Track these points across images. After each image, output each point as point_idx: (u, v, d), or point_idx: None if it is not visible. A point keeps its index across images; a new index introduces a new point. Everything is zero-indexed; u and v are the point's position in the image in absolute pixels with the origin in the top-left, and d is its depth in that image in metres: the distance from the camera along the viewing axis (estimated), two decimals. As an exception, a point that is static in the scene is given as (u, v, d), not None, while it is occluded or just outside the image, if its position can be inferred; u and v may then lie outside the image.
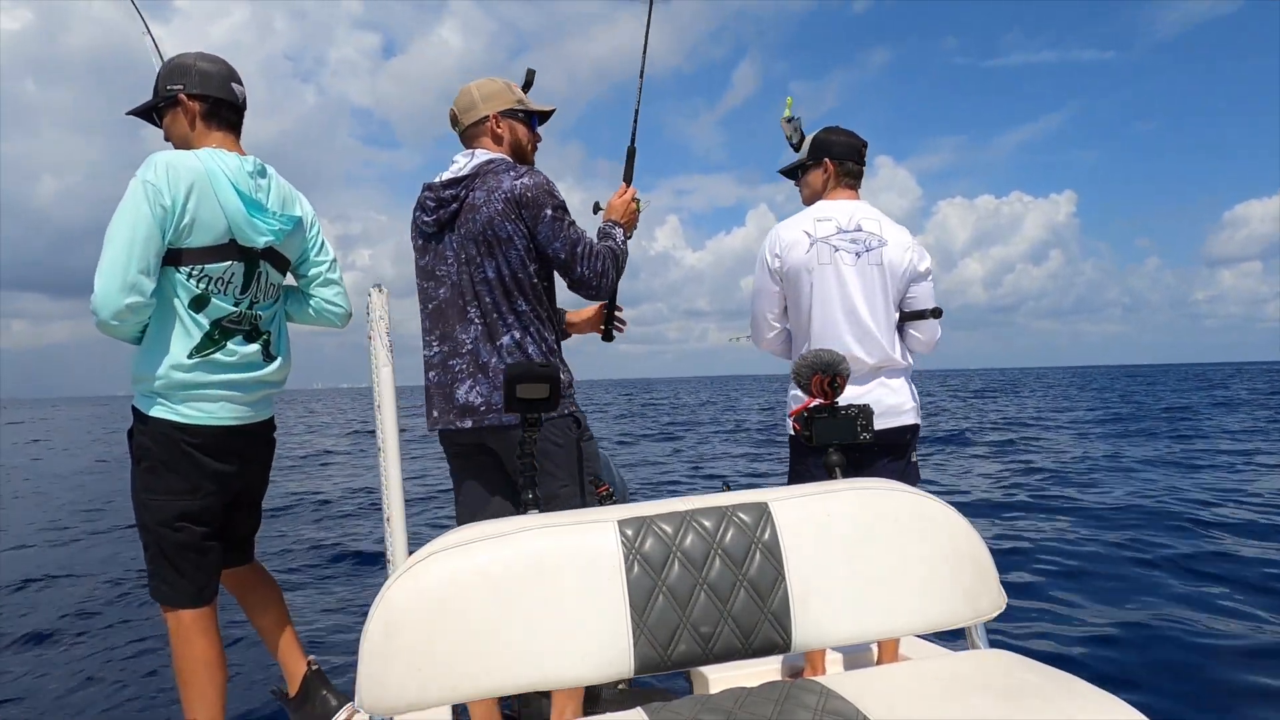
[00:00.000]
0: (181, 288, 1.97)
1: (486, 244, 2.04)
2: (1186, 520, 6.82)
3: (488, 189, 2.05)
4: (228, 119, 2.12)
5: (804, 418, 1.69)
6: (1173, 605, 4.45)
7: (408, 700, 1.05)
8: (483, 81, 2.19)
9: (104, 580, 6.22)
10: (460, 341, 2.09)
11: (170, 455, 2.01)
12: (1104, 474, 10.26)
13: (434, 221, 2.10)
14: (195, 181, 1.92)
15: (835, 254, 2.40)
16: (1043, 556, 5.71)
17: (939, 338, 2.56)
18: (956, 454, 13.03)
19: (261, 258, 2.10)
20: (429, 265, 2.14)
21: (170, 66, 2.08)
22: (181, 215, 1.91)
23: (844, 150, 2.53)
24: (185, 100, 2.05)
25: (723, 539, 1.16)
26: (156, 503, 2.02)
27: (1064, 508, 7.72)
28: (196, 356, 2.00)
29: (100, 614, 5.29)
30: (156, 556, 2.04)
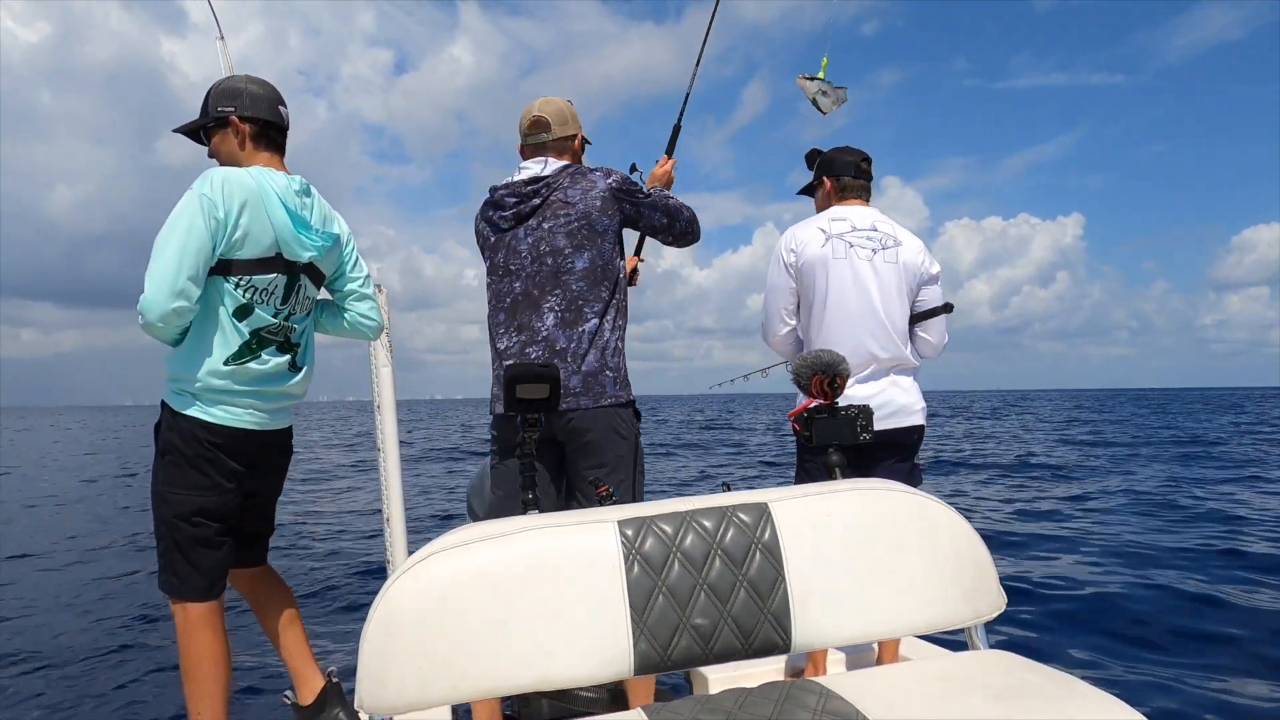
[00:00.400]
0: (228, 296, 2.07)
1: (582, 235, 2.17)
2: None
3: (582, 188, 2.20)
4: (275, 140, 2.23)
5: (804, 418, 1.70)
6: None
7: (408, 700, 1.05)
8: (567, 103, 2.33)
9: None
10: (536, 330, 2.17)
11: (195, 452, 2.08)
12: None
13: (511, 216, 2.20)
14: (249, 198, 2.04)
15: (851, 249, 2.42)
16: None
17: (946, 340, 2.58)
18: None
19: (302, 272, 2.20)
20: (503, 260, 2.22)
21: (222, 89, 2.19)
22: (234, 229, 2.01)
23: (840, 166, 2.58)
24: (236, 122, 2.16)
25: (723, 539, 1.16)
26: (177, 496, 2.09)
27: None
28: (233, 364, 2.09)
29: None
30: (170, 549, 2.09)
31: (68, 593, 6.01)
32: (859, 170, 2.57)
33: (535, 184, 2.19)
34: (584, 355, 2.16)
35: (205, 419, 2.08)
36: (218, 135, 2.19)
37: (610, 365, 2.19)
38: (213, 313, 2.07)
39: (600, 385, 2.16)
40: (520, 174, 2.25)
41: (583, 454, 2.16)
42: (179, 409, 2.09)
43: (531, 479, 2.23)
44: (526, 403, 2.18)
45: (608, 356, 2.20)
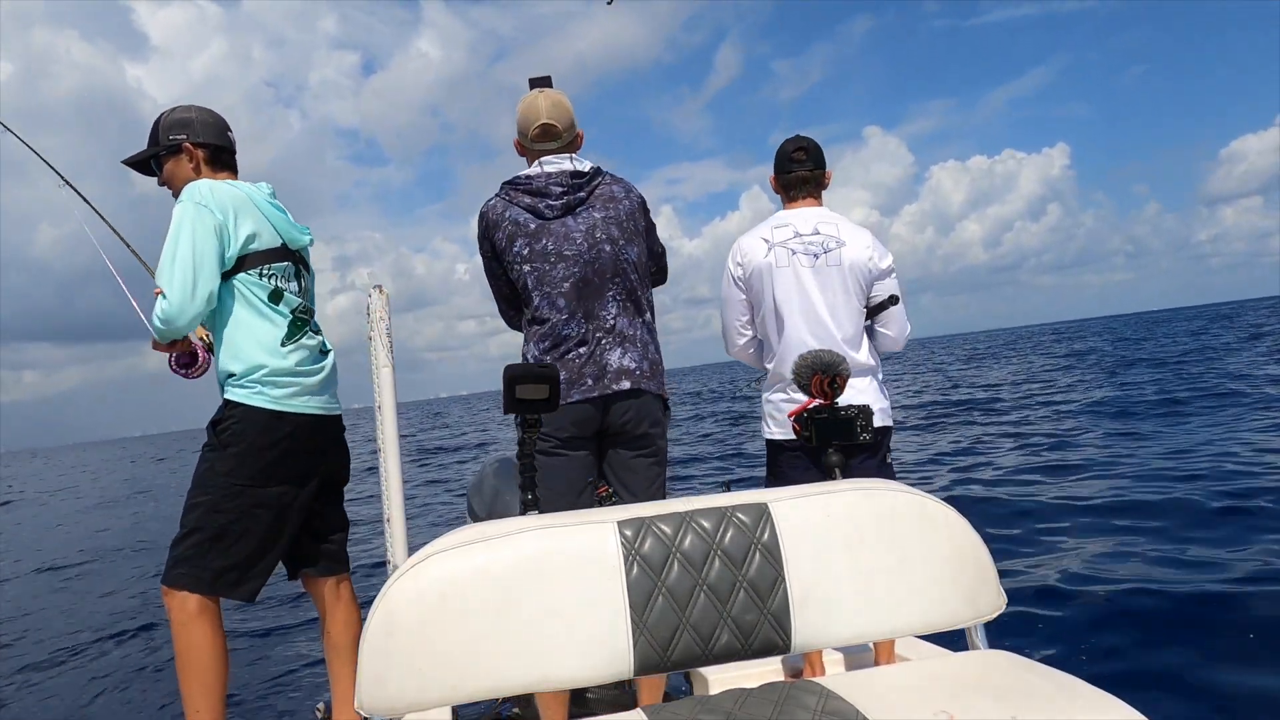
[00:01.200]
0: (256, 287, 2.20)
1: (633, 229, 2.25)
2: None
3: (623, 187, 2.29)
4: (227, 163, 2.36)
5: (804, 418, 1.69)
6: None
7: (408, 700, 1.05)
8: (562, 95, 2.32)
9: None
10: (603, 317, 2.20)
11: (263, 441, 2.15)
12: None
13: (563, 204, 2.20)
14: (237, 201, 2.18)
15: (793, 257, 2.44)
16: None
17: (908, 331, 2.57)
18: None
19: (300, 262, 2.35)
20: (552, 247, 2.18)
21: (172, 119, 2.30)
22: (236, 228, 2.15)
23: (778, 163, 2.57)
24: (190, 148, 2.28)
25: (722, 540, 1.16)
26: (238, 486, 2.13)
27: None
28: (290, 344, 2.22)
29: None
30: (211, 540, 2.10)
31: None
32: (792, 159, 2.53)
33: (580, 176, 2.22)
34: (648, 344, 2.23)
35: (278, 409, 2.16)
36: (171, 163, 2.30)
37: (659, 361, 2.26)
38: (251, 305, 2.19)
39: (659, 375, 2.22)
40: (548, 166, 2.23)
41: (635, 442, 2.20)
42: (249, 403, 2.15)
43: (531, 479, 2.23)
44: (526, 403, 2.18)
45: (659, 352, 2.27)
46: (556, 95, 2.30)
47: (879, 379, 2.53)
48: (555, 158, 2.25)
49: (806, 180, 2.53)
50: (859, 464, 2.44)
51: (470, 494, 3.15)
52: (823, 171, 2.55)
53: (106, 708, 4.07)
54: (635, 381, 2.17)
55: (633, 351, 2.19)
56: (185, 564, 2.10)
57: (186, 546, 2.11)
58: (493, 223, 2.23)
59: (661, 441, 2.26)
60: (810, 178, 2.54)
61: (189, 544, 2.11)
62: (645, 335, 2.24)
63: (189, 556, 2.10)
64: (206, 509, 2.12)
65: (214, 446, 2.17)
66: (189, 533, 2.12)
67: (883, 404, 2.48)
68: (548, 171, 2.22)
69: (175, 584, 2.09)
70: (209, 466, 2.16)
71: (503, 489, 2.84)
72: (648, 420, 2.20)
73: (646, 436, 2.20)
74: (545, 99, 2.27)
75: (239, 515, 2.12)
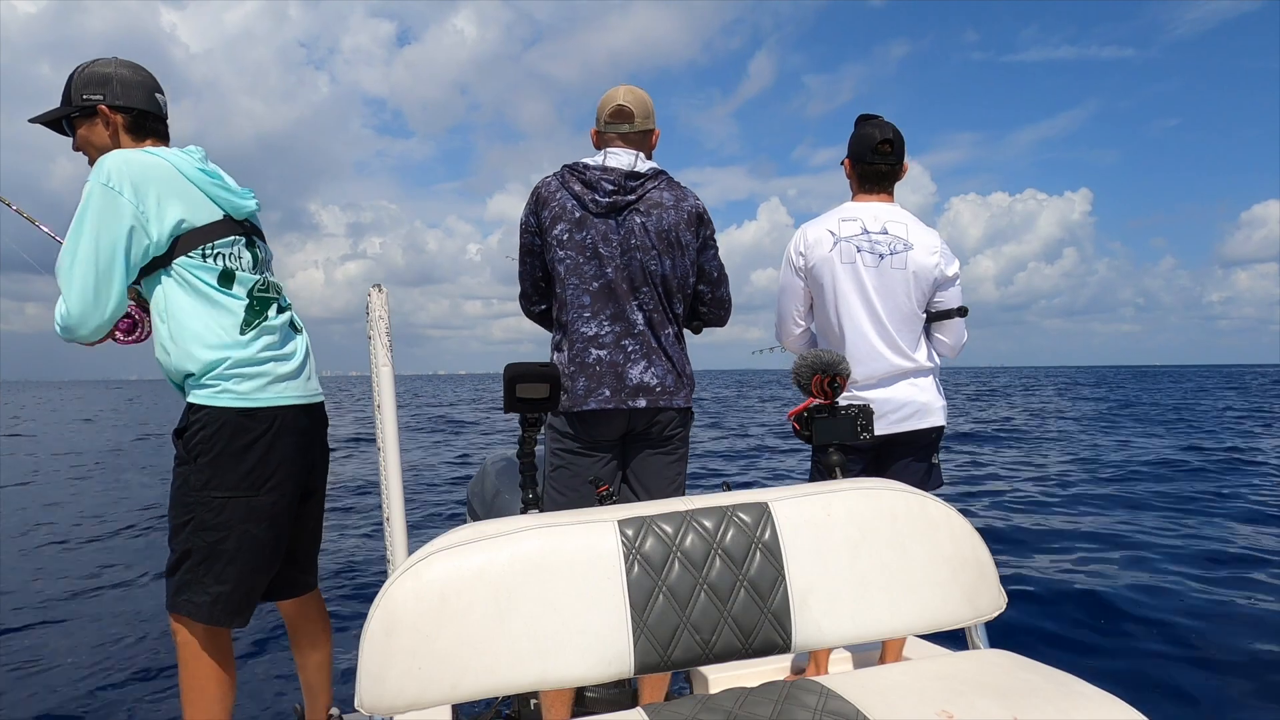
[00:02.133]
0: (201, 270, 1.92)
1: (667, 243, 2.17)
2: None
3: (675, 195, 2.20)
4: (155, 130, 2.04)
5: (804, 418, 1.70)
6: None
7: (408, 700, 1.05)
8: (647, 96, 2.30)
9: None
10: (633, 323, 2.16)
11: (238, 444, 1.92)
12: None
13: (608, 204, 2.16)
14: (155, 174, 1.87)
15: (859, 254, 2.38)
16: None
17: (965, 340, 2.53)
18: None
19: (252, 232, 2.07)
20: (590, 242, 2.17)
21: (86, 74, 1.98)
22: (159, 209, 1.86)
23: (858, 147, 2.43)
24: (107, 111, 1.97)
25: (723, 539, 1.16)
26: (221, 499, 1.91)
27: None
28: (250, 330, 1.96)
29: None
30: (204, 563, 1.91)
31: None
32: (877, 151, 2.39)
33: (634, 178, 2.17)
34: (674, 357, 2.20)
35: (247, 405, 1.93)
36: (84, 126, 1.98)
37: (687, 373, 2.25)
38: (197, 293, 1.92)
39: (683, 388, 2.21)
40: (610, 159, 2.20)
41: (655, 453, 2.20)
42: (213, 404, 1.91)
43: (532, 478, 2.23)
44: (527, 402, 2.17)
45: (686, 363, 2.25)
46: (638, 89, 2.30)
47: (938, 379, 2.51)
48: (622, 151, 2.22)
49: (885, 175, 2.43)
50: (906, 465, 2.43)
51: (470, 494, 3.15)
52: (902, 165, 2.45)
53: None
54: (653, 400, 2.15)
55: (657, 365, 2.17)
56: (186, 590, 1.91)
57: (183, 572, 1.92)
58: (543, 199, 2.20)
59: (683, 445, 2.26)
60: (890, 173, 2.44)
61: (185, 569, 1.92)
62: (673, 349, 2.20)
63: (187, 583, 1.91)
64: (193, 529, 1.91)
65: (183, 459, 1.93)
66: (181, 557, 1.92)
67: (942, 403, 2.46)
68: (606, 165, 2.19)
69: (179, 611, 1.93)
70: (183, 482, 1.93)
71: (503, 489, 2.84)
72: (670, 426, 2.20)
73: (668, 439, 2.21)
74: (626, 88, 2.28)
75: (230, 531, 1.91)
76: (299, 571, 2.18)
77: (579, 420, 2.18)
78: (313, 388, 2.13)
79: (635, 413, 2.16)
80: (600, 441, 2.18)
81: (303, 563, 2.19)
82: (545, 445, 2.30)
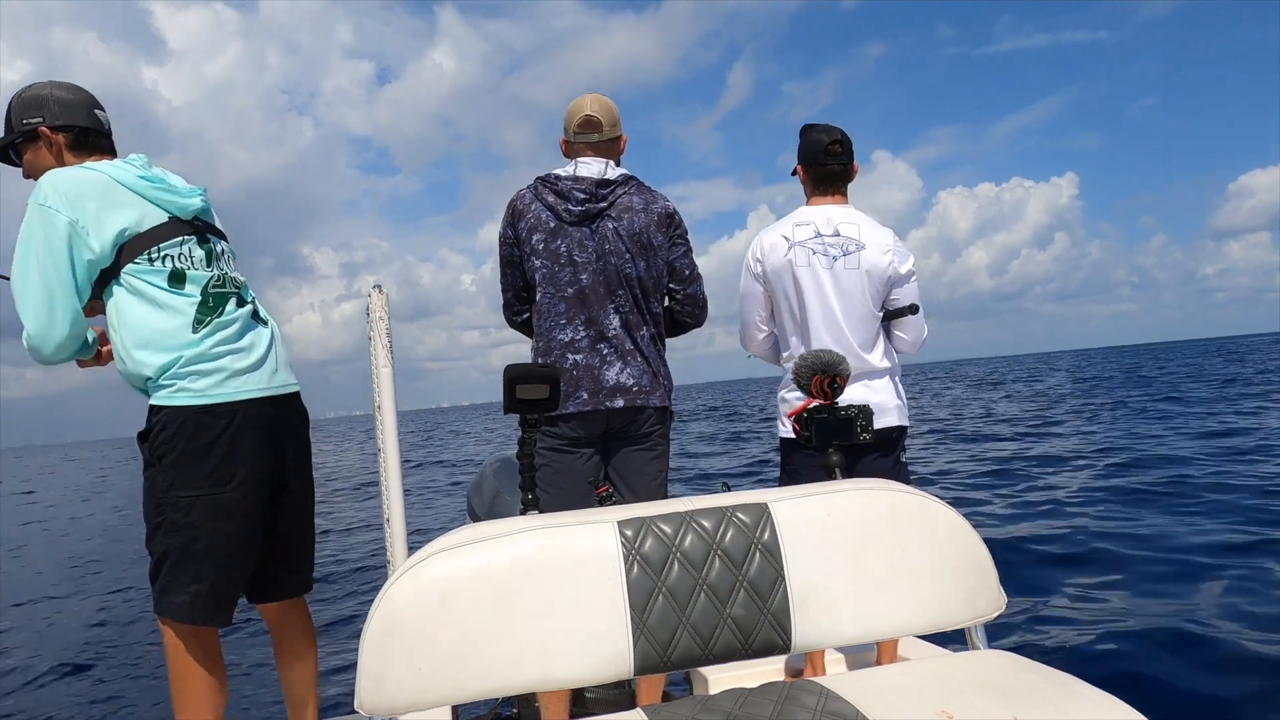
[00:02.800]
0: (149, 274, 1.92)
1: (640, 246, 2.23)
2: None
3: (644, 199, 2.27)
4: (98, 145, 2.04)
5: (804, 418, 1.70)
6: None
7: (408, 700, 1.05)
8: (612, 102, 2.35)
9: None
10: (606, 326, 2.22)
11: (199, 443, 1.90)
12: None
13: (581, 212, 2.22)
14: (91, 188, 1.88)
15: (812, 257, 2.43)
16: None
17: (925, 335, 2.56)
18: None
19: (206, 230, 2.06)
20: (564, 250, 2.22)
21: (24, 99, 1.99)
22: (99, 221, 1.86)
23: (809, 151, 2.50)
24: (48, 133, 1.97)
25: (722, 539, 1.16)
26: (188, 499, 1.90)
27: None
28: (201, 328, 1.95)
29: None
30: (179, 563, 1.91)
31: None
32: (828, 153, 2.46)
33: (605, 186, 2.23)
34: (649, 357, 2.25)
35: (205, 403, 1.91)
36: (29, 151, 2.00)
37: (664, 372, 2.29)
38: (146, 297, 1.92)
39: (659, 387, 2.25)
40: (581, 169, 2.26)
41: (637, 440, 2.24)
42: (165, 403, 1.91)
43: (532, 478, 2.23)
44: (526, 403, 2.17)
45: (662, 364, 2.29)
46: (603, 97, 2.35)
47: (896, 379, 2.53)
48: (591, 160, 2.28)
49: (838, 175, 2.50)
50: (870, 462, 2.43)
51: (470, 494, 3.15)
52: (852, 165, 2.51)
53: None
54: (630, 400, 2.20)
55: (632, 366, 2.22)
56: (167, 594, 1.92)
57: (163, 575, 1.93)
58: (519, 211, 2.27)
59: (663, 441, 2.29)
60: (842, 173, 2.50)
61: (164, 571, 1.92)
62: (649, 350, 2.25)
63: (167, 586, 1.92)
64: (165, 530, 1.91)
65: (149, 462, 1.93)
66: (160, 559, 1.93)
67: (898, 403, 2.48)
68: (577, 175, 2.25)
69: (163, 614, 1.93)
70: (151, 484, 1.93)
71: (503, 489, 2.85)
72: (648, 423, 2.24)
73: (648, 435, 2.25)
74: (592, 97, 2.33)
75: (200, 530, 1.90)
76: (287, 570, 2.16)
77: (560, 421, 2.23)
78: (280, 379, 2.10)
79: (613, 412, 2.21)
80: (580, 439, 2.23)
81: (290, 560, 2.16)
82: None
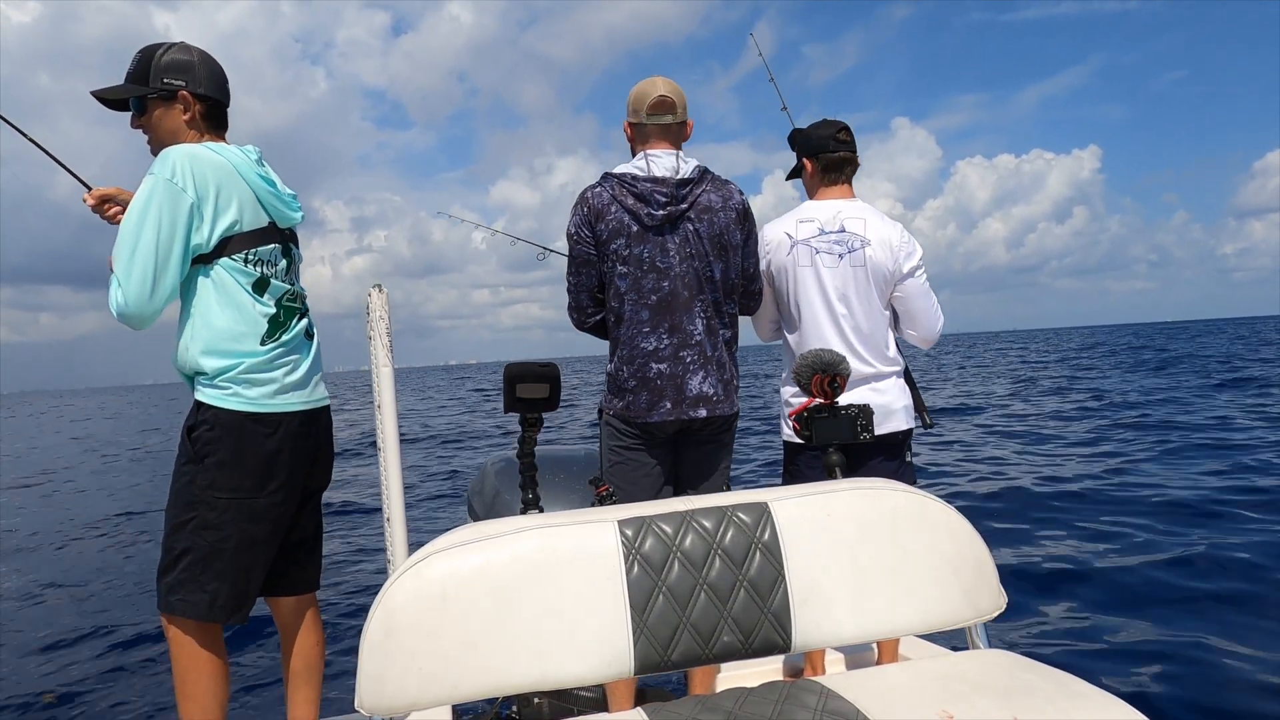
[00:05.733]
0: (240, 274, 1.95)
1: (720, 246, 2.20)
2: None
3: (722, 195, 2.22)
4: (223, 120, 2.09)
5: (804, 418, 1.70)
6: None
7: (408, 700, 1.06)
8: (681, 89, 2.29)
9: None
10: (689, 333, 2.19)
11: (244, 448, 1.94)
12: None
13: (664, 216, 2.17)
14: (221, 174, 1.91)
15: (816, 256, 2.39)
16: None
17: (938, 328, 2.52)
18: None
19: (289, 239, 2.11)
20: (648, 255, 2.18)
21: (169, 60, 1.99)
22: (216, 210, 1.90)
23: (818, 142, 2.47)
24: (189, 98, 1.99)
25: (723, 539, 1.16)
26: (224, 500, 1.93)
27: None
28: (270, 341, 1.99)
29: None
30: (202, 561, 1.91)
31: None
32: (837, 141, 2.43)
33: (684, 185, 2.18)
34: (726, 364, 2.24)
35: (255, 410, 1.95)
36: (160, 109, 1.99)
37: (737, 376, 2.28)
38: (230, 296, 1.94)
39: (733, 395, 2.25)
40: (655, 167, 2.19)
41: (707, 454, 2.26)
42: (216, 404, 1.93)
43: (532, 478, 2.23)
44: (526, 402, 2.17)
45: (736, 368, 2.28)
46: (673, 81, 2.30)
47: (902, 379, 2.48)
48: (662, 153, 2.21)
49: (847, 162, 2.46)
50: (876, 465, 2.40)
51: (470, 494, 3.15)
52: (856, 155, 2.49)
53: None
54: (711, 409, 2.20)
55: (713, 375, 2.20)
56: (181, 589, 1.91)
57: (179, 571, 1.92)
58: (597, 211, 2.19)
59: (730, 438, 2.32)
60: (850, 159, 2.47)
61: (181, 567, 1.92)
62: (725, 355, 2.24)
63: (183, 581, 1.91)
64: (195, 527, 1.92)
65: (191, 458, 1.94)
66: (179, 555, 1.92)
67: (905, 403, 2.44)
68: (654, 175, 2.19)
69: (172, 611, 1.92)
70: (189, 480, 1.94)
71: (503, 489, 2.85)
72: (721, 426, 2.26)
73: (718, 435, 2.27)
74: (662, 79, 2.27)
75: (231, 531, 1.93)
76: (297, 567, 2.17)
77: (641, 427, 2.23)
78: (318, 394, 2.14)
79: (702, 421, 2.21)
80: (658, 438, 2.24)
81: (301, 559, 2.18)
82: (600, 441, 2.34)
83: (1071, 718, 0.99)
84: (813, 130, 2.50)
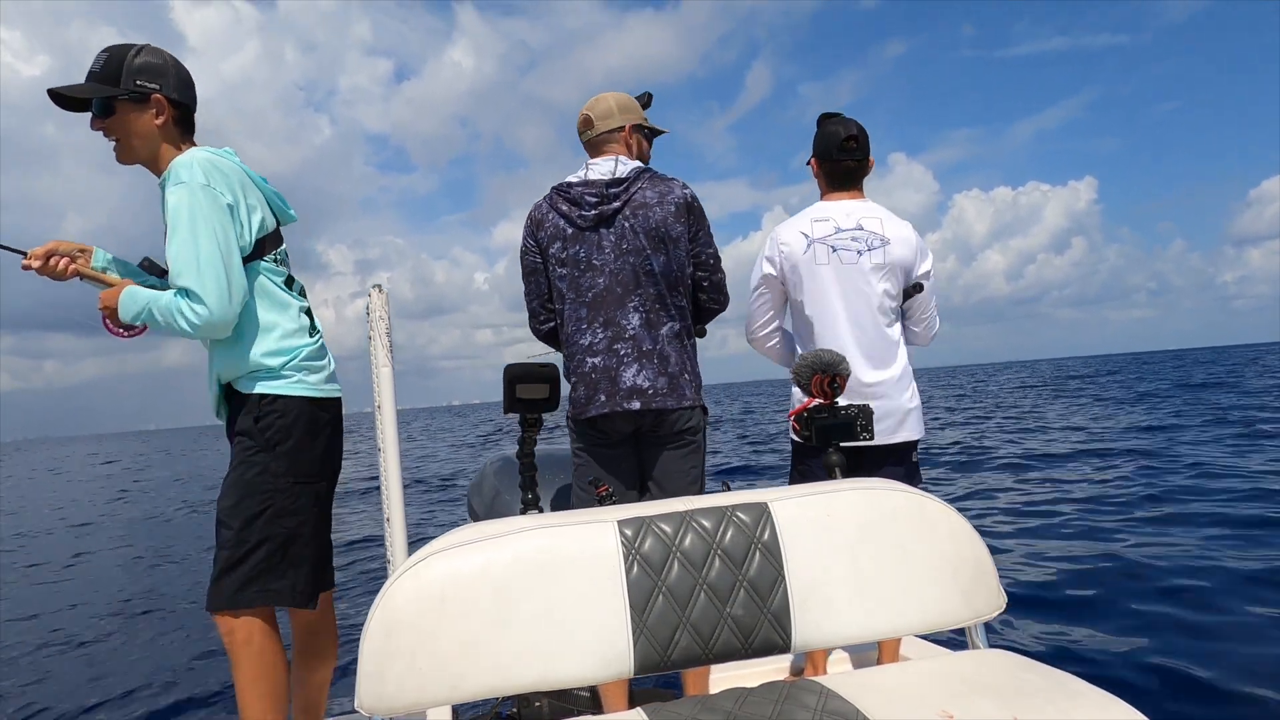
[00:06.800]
0: (274, 274, 2.05)
1: (658, 239, 2.22)
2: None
3: (659, 191, 2.24)
4: (192, 126, 2.08)
5: (804, 418, 1.70)
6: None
7: (408, 700, 1.06)
8: (618, 95, 2.37)
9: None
10: (623, 327, 2.21)
11: (311, 433, 2.01)
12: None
13: (595, 215, 2.23)
14: (239, 177, 1.97)
15: (833, 254, 2.36)
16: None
17: (938, 327, 2.52)
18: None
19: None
20: (584, 255, 2.24)
21: (142, 63, 1.95)
22: (248, 211, 1.97)
23: (824, 145, 2.43)
24: (164, 102, 1.97)
25: (722, 539, 1.16)
26: (299, 486, 1.98)
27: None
28: (315, 332, 2.11)
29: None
30: (282, 549, 1.94)
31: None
32: (843, 149, 2.39)
33: (616, 185, 2.23)
34: (669, 357, 2.22)
35: (318, 395, 2.04)
36: (132, 112, 1.95)
37: (689, 369, 2.26)
38: (273, 296, 2.03)
39: (680, 388, 2.22)
40: (591, 172, 2.26)
41: (671, 445, 2.25)
42: (290, 393, 1.99)
43: (532, 478, 2.23)
44: (526, 403, 2.18)
45: (686, 361, 2.26)
46: (603, 94, 2.37)
47: (912, 383, 2.46)
48: (602, 160, 2.29)
49: (854, 171, 2.43)
50: (884, 472, 2.36)
51: (470, 494, 3.15)
52: (868, 160, 2.45)
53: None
54: (646, 402, 2.18)
55: (649, 369, 2.19)
56: (259, 580, 1.90)
57: (257, 562, 1.90)
58: (537, 221, 2.30)
59: (695, 437, 2.27)
60: (858, 168, 2.43)
61: (259, 558, 1.91)
62: (668, 348, 2.22)
63: (262, 572, 1.90)
64: (270, 516, 1.93)
65: (261, 447, 1.95)
66: (255, 546, 1.91)
67: (913, 404, 2.42)
68: (587, 180, 2.26)
69: (250, 604, 1.89)
70: (261, 469, 1.94)
71: (503, 489, 2.85)
72: (678, 423, 2.23)
73: (678, 434, 2.24)
74: (594, 98, 2.36)
75: (307, 516, 1.99)
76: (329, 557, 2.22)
77: (587, 425, 2.25)
78: (338, 384, 2.22)
79: (638, 413, 2.20)
80: (612, 438, 2.25)
81: (330, 551, 2.23)
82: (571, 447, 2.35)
83: (1071, 717, 0.99)
84: (824, 128, 2.46)
